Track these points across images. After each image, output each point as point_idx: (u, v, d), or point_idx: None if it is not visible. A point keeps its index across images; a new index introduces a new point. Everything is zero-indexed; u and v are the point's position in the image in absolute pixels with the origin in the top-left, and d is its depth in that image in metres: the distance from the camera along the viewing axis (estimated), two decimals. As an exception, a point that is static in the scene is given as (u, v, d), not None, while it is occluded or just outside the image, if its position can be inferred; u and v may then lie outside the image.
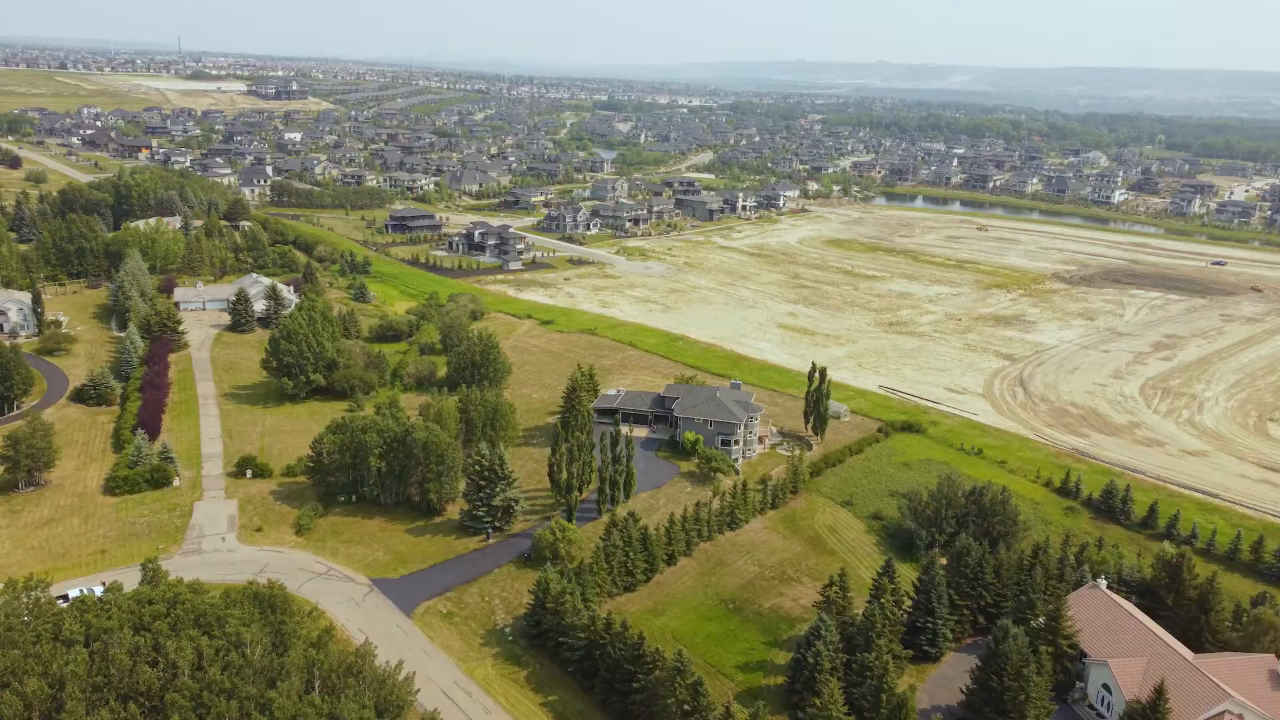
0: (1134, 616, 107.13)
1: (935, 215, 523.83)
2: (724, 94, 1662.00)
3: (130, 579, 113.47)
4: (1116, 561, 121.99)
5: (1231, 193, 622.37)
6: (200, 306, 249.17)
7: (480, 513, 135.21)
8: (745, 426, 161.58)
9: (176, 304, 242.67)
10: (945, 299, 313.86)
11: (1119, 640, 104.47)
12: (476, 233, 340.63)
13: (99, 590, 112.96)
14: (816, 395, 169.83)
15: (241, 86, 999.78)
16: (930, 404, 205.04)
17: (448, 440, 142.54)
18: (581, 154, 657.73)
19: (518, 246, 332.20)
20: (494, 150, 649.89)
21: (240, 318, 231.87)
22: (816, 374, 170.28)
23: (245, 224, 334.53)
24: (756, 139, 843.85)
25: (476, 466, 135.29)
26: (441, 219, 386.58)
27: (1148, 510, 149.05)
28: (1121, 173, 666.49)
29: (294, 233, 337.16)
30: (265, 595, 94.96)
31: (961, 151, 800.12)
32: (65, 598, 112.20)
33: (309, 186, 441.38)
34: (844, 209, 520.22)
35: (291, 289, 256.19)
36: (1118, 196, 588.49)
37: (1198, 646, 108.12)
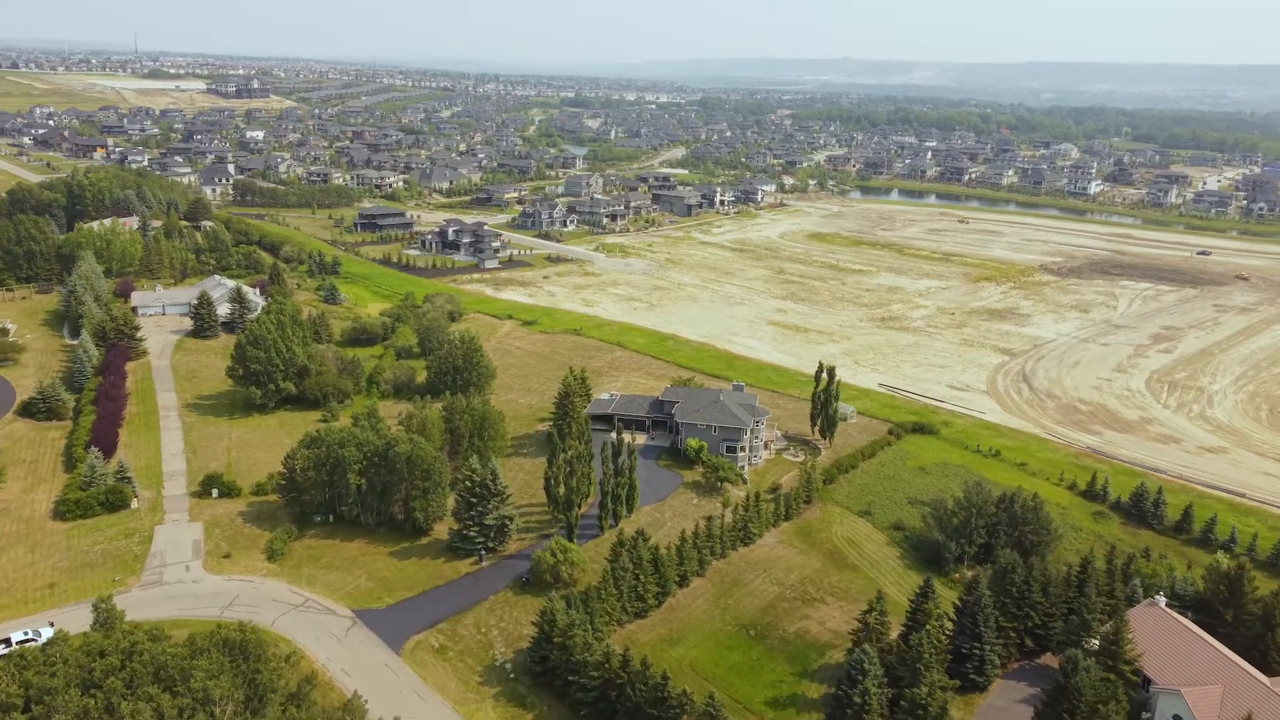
0: (1201, 638, 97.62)
1: (915, 208, 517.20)
2: (691, 90, 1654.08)
3: (81, 618, 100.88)
4: (1168, 574, 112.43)
5: (1204, 183, 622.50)
6: (160, 311, 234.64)
7: (472, 532, 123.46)
8: (751, 432, 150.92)
9: (134, 309, 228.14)
10: (935, 293, 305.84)
11: (1187, 665, 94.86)
12: (450, 230, 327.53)
13: (47, 632, 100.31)
14: (825, 397, 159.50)
15: (201, 85, 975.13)
16: (935, 402, 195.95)
17: (434, 454, 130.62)
18: (552, 150, 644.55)
19: (494, 244, 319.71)
20: (463, 147, 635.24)
21: (203, 322, 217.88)
22: (824, 374, 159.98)
23: (207, 224, 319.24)
24: (728, 134, 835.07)
25: (467, 482, 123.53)
26: (413, 217, 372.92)
27: (1181, 514, 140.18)
28: (1095, 164, 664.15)
29: (259, 232, 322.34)
30: (236, 641, 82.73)
31: (934, 145, 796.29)
32: (8, 642, 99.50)
33: (273, 185, 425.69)
34: (822, 203, 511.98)
35: (257, 291, 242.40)
36: (1094, 188, 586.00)
37: (1264, 668, 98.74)
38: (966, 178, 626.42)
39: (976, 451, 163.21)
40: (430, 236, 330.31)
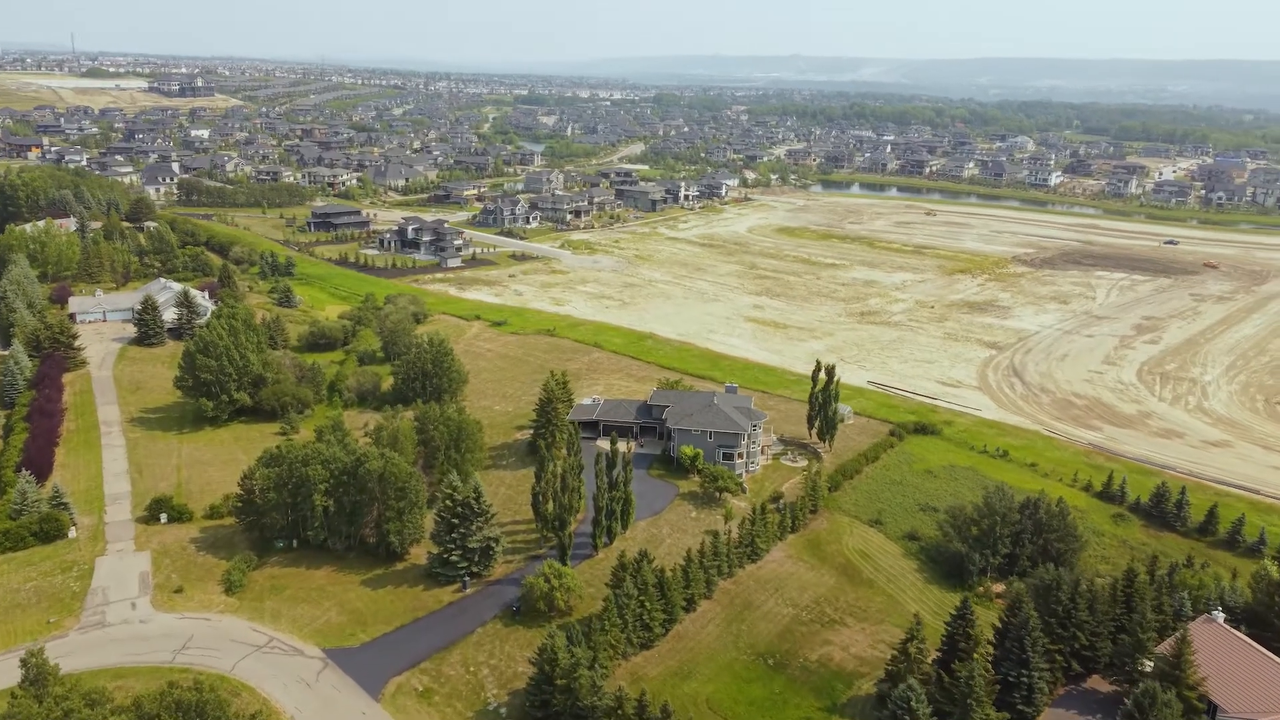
0: (1269, 658, 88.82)
1: (880, 201, 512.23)
2: (645, 87, 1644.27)
3: (7, 672, 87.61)
4: (1216, 585, 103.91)
5: (1161, 173, 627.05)
6: (100, 317, 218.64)
7: (454, 557, 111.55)
8: (749, 437, 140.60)
9: (71, 315, 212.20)
10: (912, 286, 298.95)
11: (1256, 690, 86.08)
12: (410, 229, 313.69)
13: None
14: (824, 397, 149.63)
15: (142, 84, 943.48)
16: (928, 399, 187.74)
17: (409, 470, 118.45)
18: (509, 148, 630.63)
19: (455, 242, 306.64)
20: (417, 145, 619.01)
21: (148, 329, 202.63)
22: (823, 373, 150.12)
23: (151, 224, 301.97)
24: (685, 130, 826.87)
25: (447, 502, 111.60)
26: (369, 215, 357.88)
27: (1206, 514, 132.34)
28: (1053, 156, 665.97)
29: (206, 233, 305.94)
30: (192, 703, 70.38)
31: (892, 138, 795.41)
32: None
33: (221, 184, 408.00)
34: (786, 197, 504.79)
35: (206, 295, 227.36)
36: (1054, 179, 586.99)
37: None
38: (927, 170, 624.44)
39: (983, 452, 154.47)
40: (388, 235, 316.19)
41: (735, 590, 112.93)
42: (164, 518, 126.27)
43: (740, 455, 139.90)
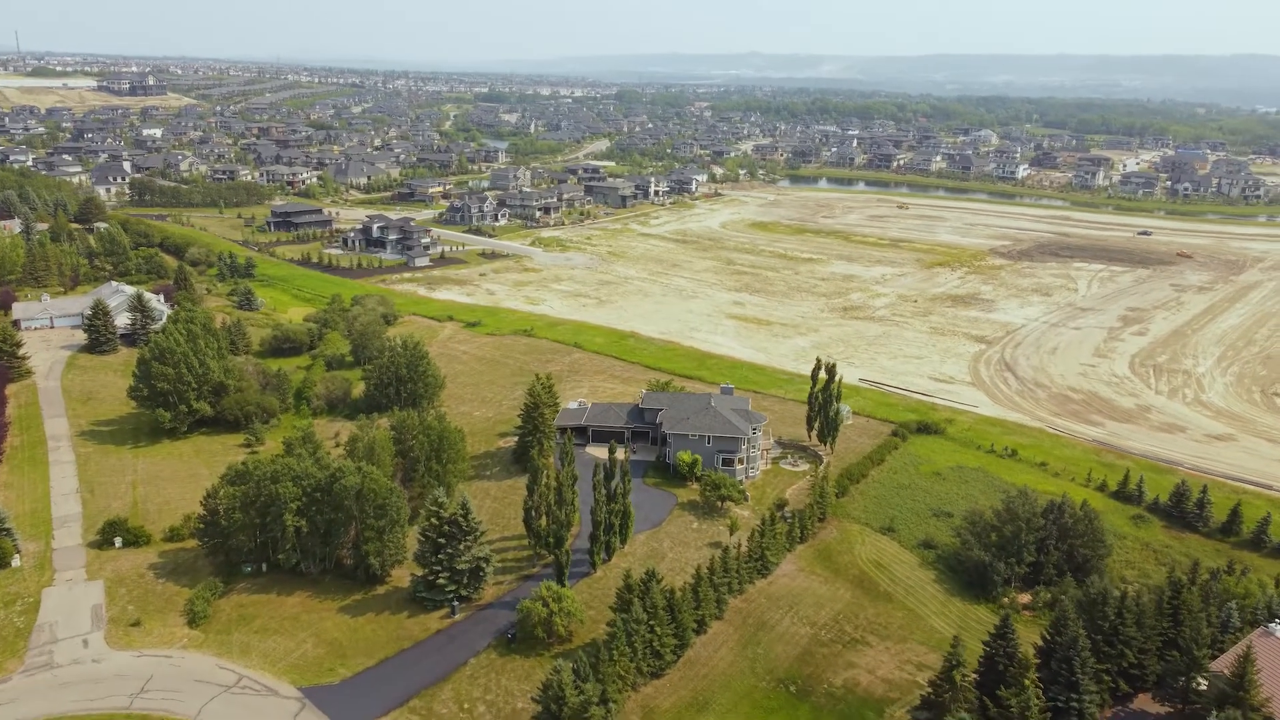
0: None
1: (851, 195, 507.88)
2: (605, 85, 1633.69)
3: (-57, 729, 77.21)
4: (1263, 593, 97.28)
5: (1125, 166, 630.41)
6: (47, 324, 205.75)
7: (441, 579, 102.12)
8: (749, 441, 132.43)
9: (16, 322, 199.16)
10: (892, 280, 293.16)
11: (1326, 709, 79.19)
12: (375, 227, 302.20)
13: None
14: (825, 397, 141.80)
15: (91, 83, 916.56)
16: (922, 396, 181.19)
17: (389, 485, 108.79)
18: (472, 145, 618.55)
19: (423, 241, 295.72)
20: (378, 142, 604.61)
21: (99, 335, 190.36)
22: (823, 371, 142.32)
23: (101, 225, 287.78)
24: (650, 126, 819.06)
25: (433, 519, 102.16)
26: (331, 214, 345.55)
27: (1229, 514, 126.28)
28: (1019, 149, 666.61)
29: (161, 234, 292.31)
30: (153, 769, 60.65)
31: (856, 133, 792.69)
32: None
33: (175, 184, 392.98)
34: (757, 192, 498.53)
35: (161, 298, 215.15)
36: (1021, 172, 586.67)
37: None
38: (895, 164, 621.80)
39: (991, 452, 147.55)
40: (353, 234, 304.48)
41: (747, 608, 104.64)
42: (118, 542, 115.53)
43: (741, 461, 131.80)
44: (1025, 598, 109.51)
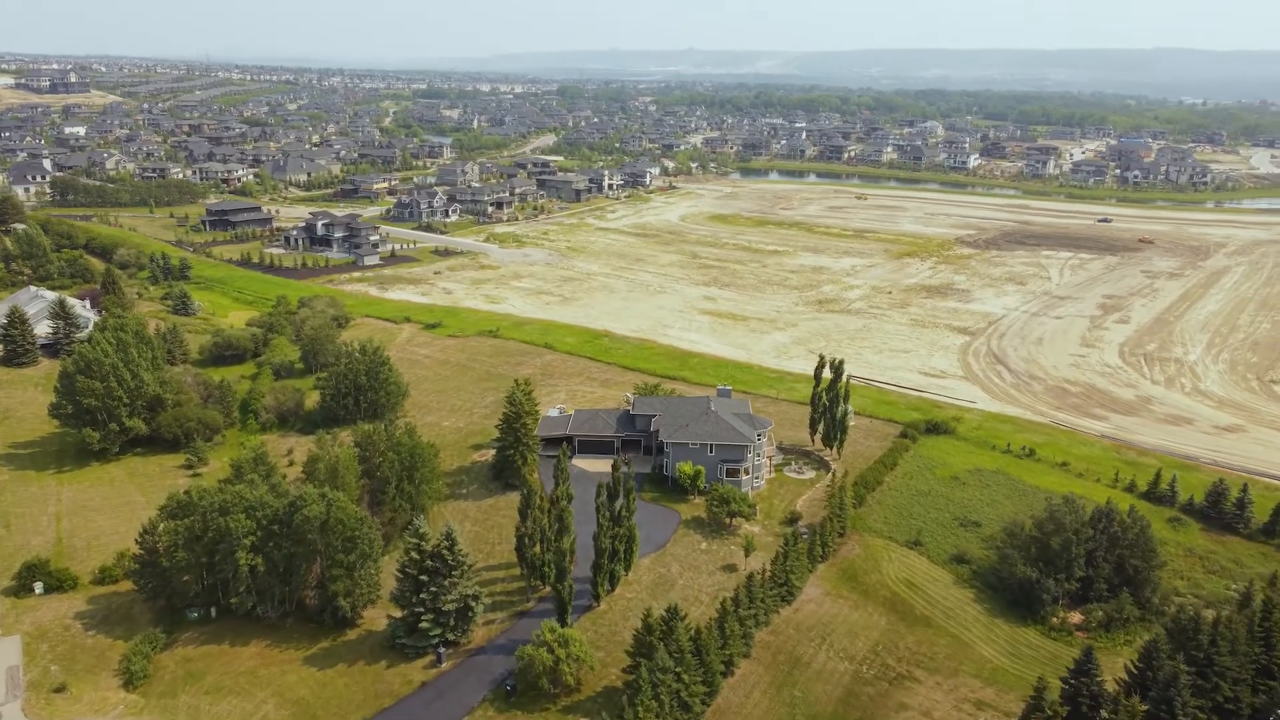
0: None
1: (807, 187, 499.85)
2: (545, 81, 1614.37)
3: None
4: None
5: (1072, 155, 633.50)
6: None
7: (424, 623, 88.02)
8: (754, 449, 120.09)
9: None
10: (862, 271, 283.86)
11: None
12: (319, 224, 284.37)
13: None
14: (831, 398, 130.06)
15: (8, 80, 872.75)
16: (916, 392, 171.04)
17: (358, 514, 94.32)
18: (415, 140, 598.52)
19: (372, 238, 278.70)
20: (316, 139, 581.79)
21: (16, 346, 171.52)
22: (828, 369, 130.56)
23: (19, 227, 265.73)
24: (595, 120, 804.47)
25: (413, 554, 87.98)
26: (271, 212, 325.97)
27: (1271, 514, 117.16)
28: (967, 140, 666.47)
29: (86, 235, 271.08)
30: None
31: (804, 126, 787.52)
32: None
33: (101, 183, 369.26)
34: (711, 184, 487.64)
35: (87, 304, 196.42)
36: (972, 162, 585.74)
37: None
38: (846, 156, 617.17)
39: (1007, 452, 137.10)
40: (295, 232, 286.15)
41: (775, 642, 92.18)
42: (39, 587, 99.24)
43: (746, 471, 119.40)
44: (1076, 616, 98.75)
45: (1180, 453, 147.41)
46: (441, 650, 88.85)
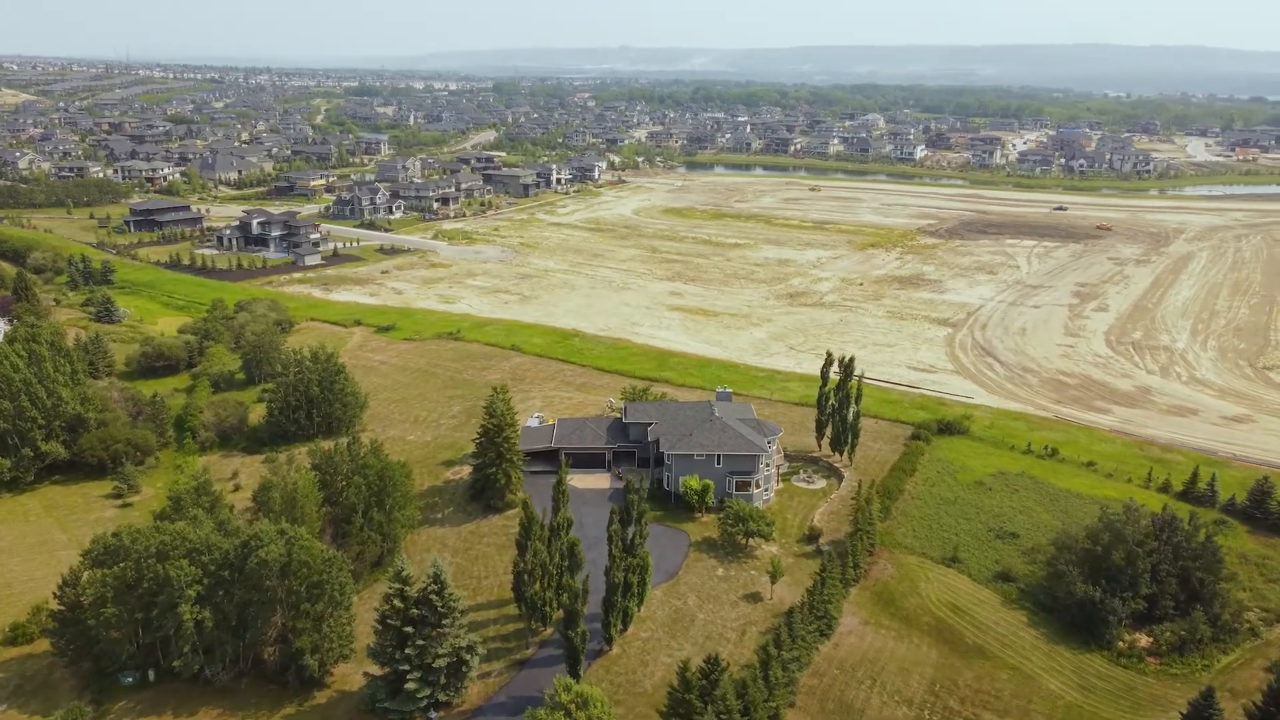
0: None
1: (760, 179, 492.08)
2: (479, 79, 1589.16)
3: None
4: None
5: (1015, 145, 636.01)
6: None
7: (410, 683, 73.78)
8: (766, 459, 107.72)
9: None
10: (828, 263, 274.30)
11: None
12: (255, 223, 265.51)
13: None
14: (841, 399, 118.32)
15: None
16: (908, 388, 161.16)
17: (325, 554, 79.71)
18: (350, 137, 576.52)
19: (312, 237, 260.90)
20: (246, 136, 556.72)
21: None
22: (836, 367, 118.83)
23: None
24: (535, 116, 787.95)
25: (396, 601, 73.73)
26: (201, 211, 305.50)
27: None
28: (912, 131, 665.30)
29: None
30: None
31: (745, 120, 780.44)
32: None
33: (12, 183, 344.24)
34: (661, 178, 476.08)
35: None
36: (919, 153, 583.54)
37: None
38: (792, 149, 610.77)
39: (1028, 452, 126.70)
40: (229, 231, 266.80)
41: (820, 686, 79.79)
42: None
43: (757, 484, 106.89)
44: (1143, 639, 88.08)
45: (1198, 446, 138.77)
46: (432, 715, 74.75)
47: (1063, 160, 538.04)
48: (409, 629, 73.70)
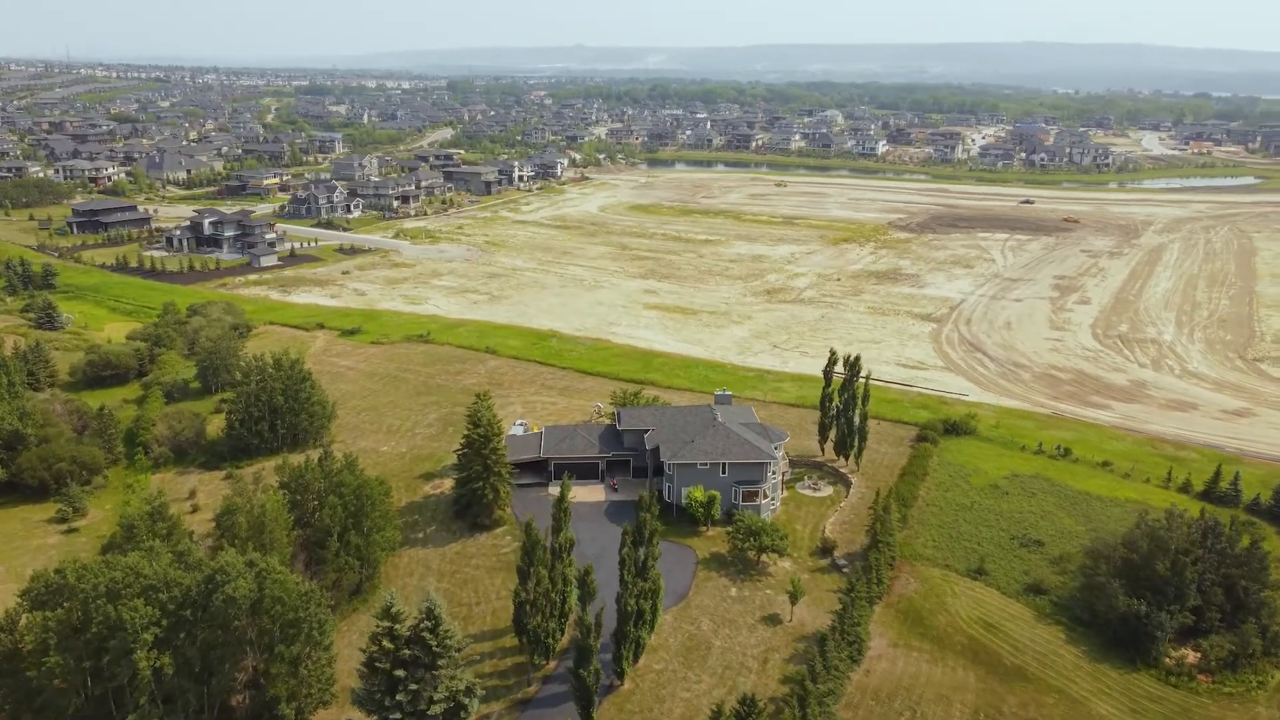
0: None
1: (724, 175, 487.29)
2: (433, 78, 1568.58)
3: None
4: None
5: (975, 140, 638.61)
6: None
7: (402, 733, 65.11)
8: (774, 466, 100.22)
9: None
10: (803, 258, 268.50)
11: None
12: (207, 223, 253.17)
13: None
14: (847, 400, 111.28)
15: None
16: (901, 386, 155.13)
17: (301, 588, 70.64)
18: (302, 135, 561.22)
19: (267, 237, 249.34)
20: (194, 135, 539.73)
21: None
22: (842, 366, 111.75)
23: None
24: (493, 114, 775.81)
25: (385, 642, 64.98)
26: (148, 211, 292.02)
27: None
28: (872, 127, 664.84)
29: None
30: None
31: (704, 116, 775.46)
32: None
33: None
34: (624, 175, 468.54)
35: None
36: (881, 148, 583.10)
37: None
38: (754, 145, 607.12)
39: (1040, 452, 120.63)
40: (179, 232, 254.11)
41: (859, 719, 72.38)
42: None
43: (765, 494, 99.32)
44: (1191, 655, 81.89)
45: (1205, 442, 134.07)
46: (427, 767, 66.19)
47: (1023, 154, 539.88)
48: (400, 672, 65.00)
